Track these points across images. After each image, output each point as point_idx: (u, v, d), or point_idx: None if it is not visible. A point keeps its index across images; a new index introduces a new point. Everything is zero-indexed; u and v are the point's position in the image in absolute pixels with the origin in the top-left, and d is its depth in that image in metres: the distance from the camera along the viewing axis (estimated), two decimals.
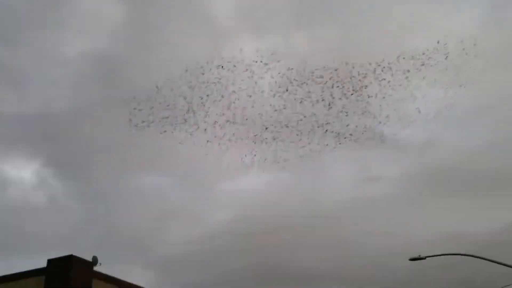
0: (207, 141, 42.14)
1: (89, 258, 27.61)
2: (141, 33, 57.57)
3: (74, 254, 26.54)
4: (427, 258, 25.91)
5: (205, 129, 42.81)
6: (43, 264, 27.00)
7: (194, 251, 61.46)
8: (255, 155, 39.83)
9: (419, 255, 26.33)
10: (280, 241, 60.66)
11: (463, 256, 26.69)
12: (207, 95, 42.26)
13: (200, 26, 58.72)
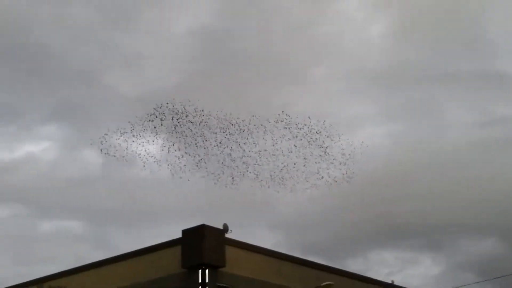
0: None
1: (219, 226, 28.37)
2: (245, 3, 57.56)
3: (204, 223, 27.39)
4: None
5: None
6: (177, 234, 28.17)
7: (314, 208, 61.57)
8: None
9: None
10: (400, 193, 59.24)
11: None
12: None
13: None
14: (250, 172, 26.13)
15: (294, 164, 26.31)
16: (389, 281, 39.39)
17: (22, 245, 61.76)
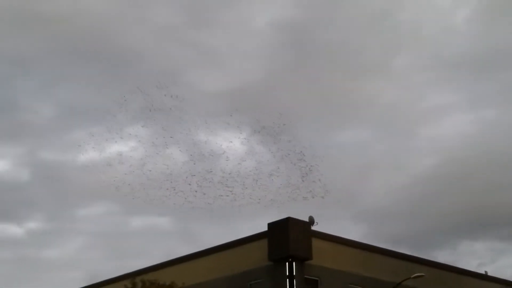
0: None
1: (305, 218, 28.21)
2: None
3: (290, 215, 27.31)
4: None
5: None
6: (262, 228, 28.27)
7: (400, 199, 60.22)
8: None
9: None
10: (489, 182, 56.81)
11: None
12: None
13: None
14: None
15: None
16: (482, 272, 38.11)
17: (115, 241, 64.02)
